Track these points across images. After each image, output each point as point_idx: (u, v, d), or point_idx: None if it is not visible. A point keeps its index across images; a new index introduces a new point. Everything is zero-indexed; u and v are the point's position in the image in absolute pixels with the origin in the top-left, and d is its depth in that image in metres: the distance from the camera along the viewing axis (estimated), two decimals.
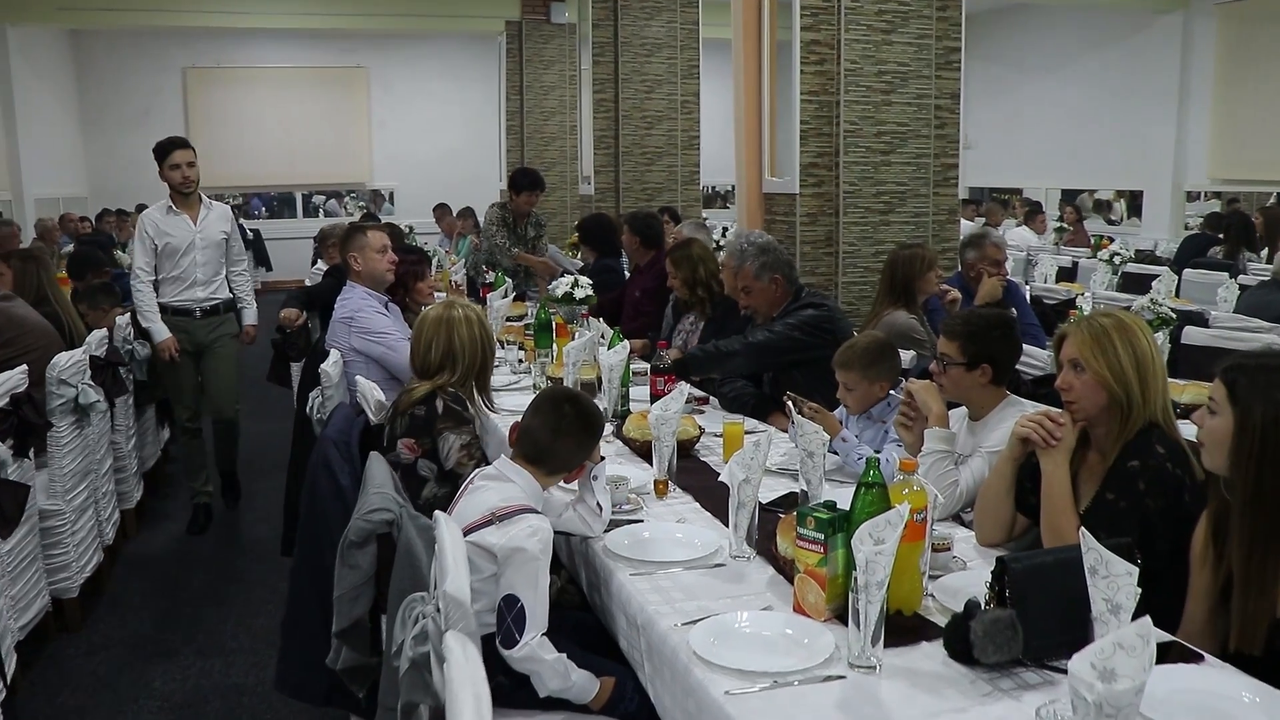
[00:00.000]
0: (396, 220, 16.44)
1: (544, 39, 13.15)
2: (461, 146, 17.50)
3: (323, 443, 2.94)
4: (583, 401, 2.73)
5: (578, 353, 4.32)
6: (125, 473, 5.59)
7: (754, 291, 4.41)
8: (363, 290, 4.56)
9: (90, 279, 6.39)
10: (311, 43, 17.27)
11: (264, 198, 18.33)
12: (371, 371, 4.41)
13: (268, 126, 17.55)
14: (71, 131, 16.58)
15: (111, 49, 16.89)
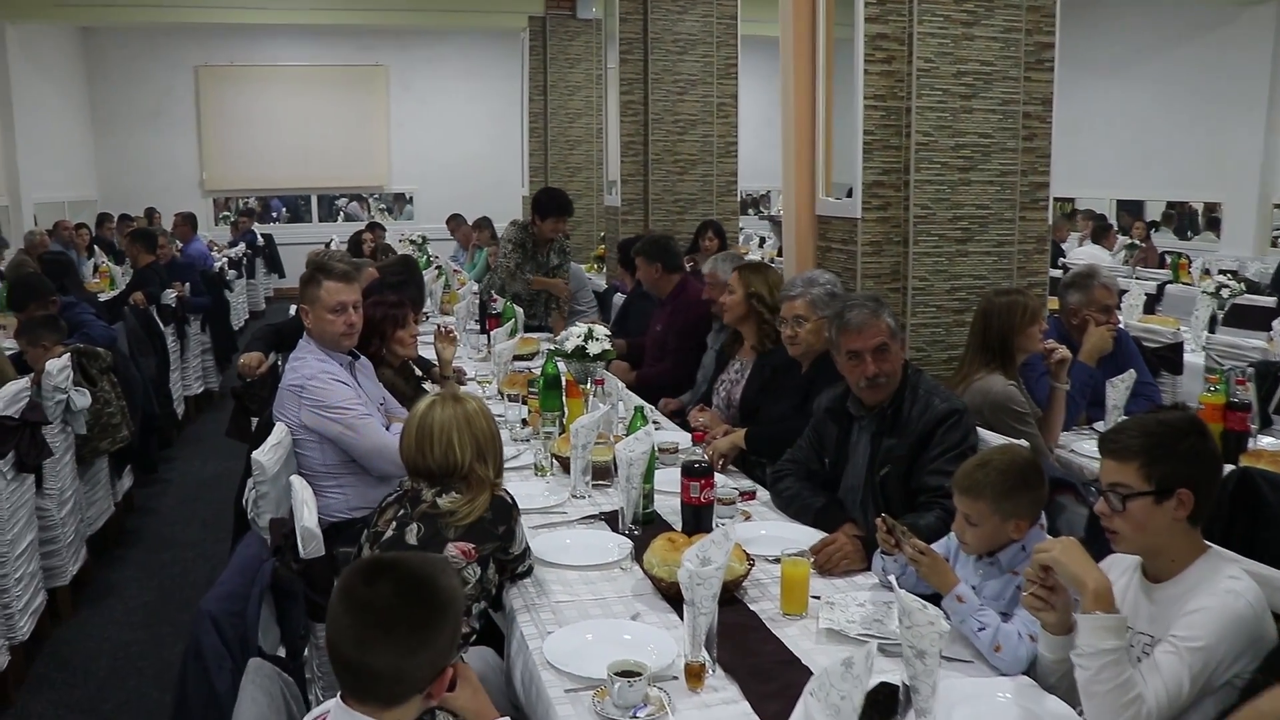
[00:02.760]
0: (415, 225, 15.92)
1: (569, 35, 12.34)
2: (483, 149, 16.76)
3: (200, 620, 2.03)
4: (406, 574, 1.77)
5: (588, 432, 3.42)
6: (57, 544, 4.72)
7: None
8: (318, 351, 3.66)
9: (32, 310, 5.53)
10: (329, 40, 16.57)
11: (286, 199, 17.65)
12: (327, 454, 3.52)
13: (283, 127, 16.83)
14: (81, 132, 15.94)
15: (122, 47, 16.27)
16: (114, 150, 16.44)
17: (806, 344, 3.91)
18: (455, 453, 2.65)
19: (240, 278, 12.85)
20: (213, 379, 9.23)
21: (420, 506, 2.61)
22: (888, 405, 3.23)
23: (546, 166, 12.47)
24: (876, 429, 3.25)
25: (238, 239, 14.33)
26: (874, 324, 3.23)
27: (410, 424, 2.71)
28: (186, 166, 16.73)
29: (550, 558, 2.91)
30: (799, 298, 3.91)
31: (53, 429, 4.61)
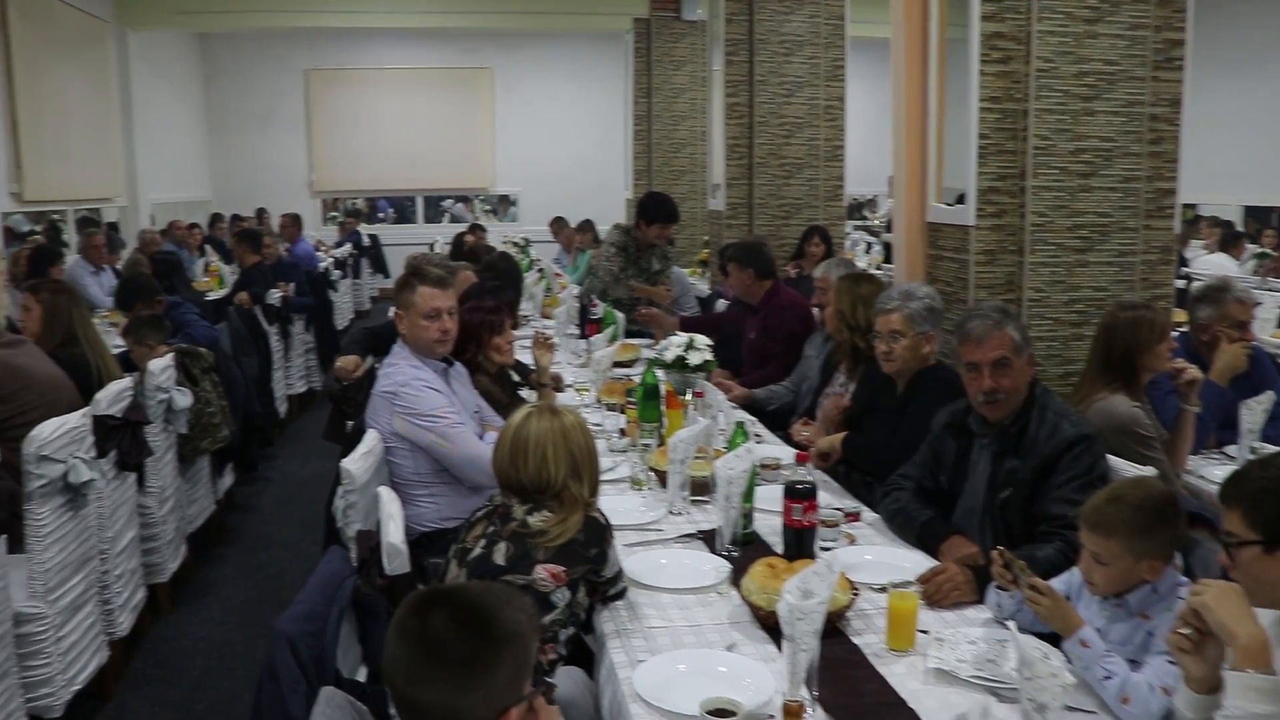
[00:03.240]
0: (518, 226, 15.98)
1: (674, 37, 12.22)
2: (587, 151, 16.77)
3: (276, 641, 1.95)
4: (461, 605, 1.66)
5: (687, 446, 3.30)
6: (157, 541, 4.77)
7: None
8: (411, 358, 3.60)
9: (139, 310, 5.59)
10: (435, 43, 16.73)
11: (392, 200, 17.87)
12: (419, 462, 3.46)
13: (389, 128, 17.03)
14: (196, 135, 16.37)
15: (236, 52, 16.67)
16: (227, 152, 16.83)
17: (902, 360, 3.71)
18: (549, 469, 2.55)
19: (346, 278, 13.00)
20: (315, 378, 9.32)
21: (510, 524, 2.51)
22: (1011, 424, 3.04)
23: (650, 169, 12.38)
24: (999, 448, 3.06)
25: (344, 239, 14.51)
26: (995, 335, 3.05)
27: (505, 436, 2.62)
28: (296, 167, 17.04)
29: (644, 579, 2.80)
30: (895, 311, 3.71)
31: (154, 428, 4.64)
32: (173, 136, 14.72)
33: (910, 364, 3.70)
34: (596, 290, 6.59)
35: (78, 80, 11.48)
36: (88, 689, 3.90)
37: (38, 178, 10.11)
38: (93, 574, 3.98)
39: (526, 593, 2.39)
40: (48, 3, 10.68)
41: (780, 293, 5.58)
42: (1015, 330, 3.07)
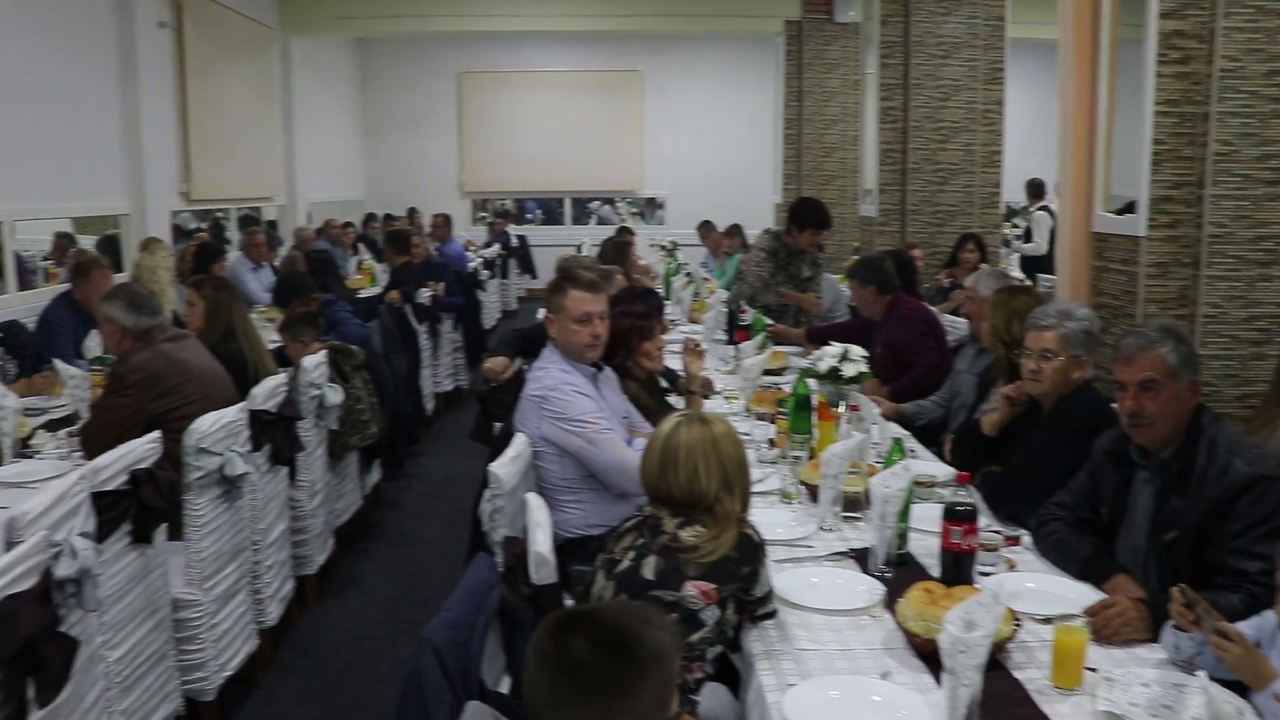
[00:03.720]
0: (665, 230, 15.96)
1: (826, 40, 12.07)
2: (735, 154, 16.67)
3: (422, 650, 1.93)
4: (601, 628, 1.59)
5: (840, 461, 3.19)
6: (306, 534, 4.86)
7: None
8: (561, 361, 3.57)
9: (295, 306, 5.72)
10: (585, 46, 16.84)
11: (540, 201, 18.07)
12: (567, 468, 3.43)
13: (539, 130, 17.20)
14: (352, 136, 16.80)
15: (392, 55, 17.07)
16: (381, 153, 17.25)
17: (1050, 382, 3.45)
18: (700, 480, 2.47)
19: (494, 278, 13.16)
20: (463, 377, 9.44)
21: (661, 538, 2.45)
22: (1173, 458, 2.81)
23: (800, 174, 12.24)
24: (1162, 484, 2.83)
25: (493, 239, 14.71)
26: (1146, 355, 2.81)
27: (653, 445, 2.55)
28: (447, 168, 17.36)
29: (794, 598, 2.70)
30: (1050, 329, 3.44)
31: (306, 424, 4.73)
32: (330, 138, 15.14)
33: (1059, 387, 3.48)
34: (745, 296, 6.50)
35: (243, 85, 11.89)
36: (238, 675, 3.99)
37: (204, 178, 10.50)
38: (245, 564, 4.08)
39: (675, 609, 2.33)
40: (219, 12, 11.08)
41: (901, 303, 5.48)
42: (1173, 353, 2.81)
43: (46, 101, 7.85)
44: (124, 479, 3.21)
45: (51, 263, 9.21)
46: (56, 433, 4.51)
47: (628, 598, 2.36)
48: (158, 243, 7.59)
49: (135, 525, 3.28)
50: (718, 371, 5.57)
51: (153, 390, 4.02)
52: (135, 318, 4.13)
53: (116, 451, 3.25)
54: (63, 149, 8.07)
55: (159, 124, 9.57)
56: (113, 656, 3.18)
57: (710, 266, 11.22)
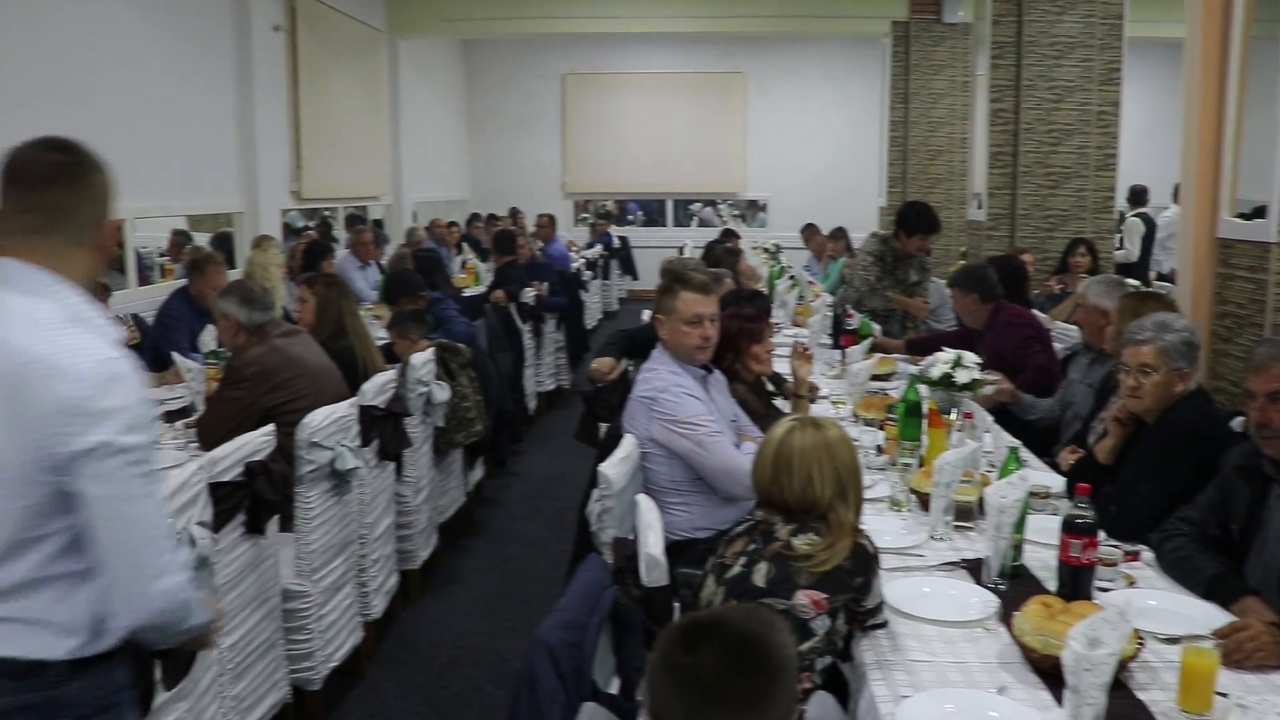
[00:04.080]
0: (768, 232, 15.89)
1: (934, 41, 11.88)
2: (839, 157, 16.52)
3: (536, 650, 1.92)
4: (733, 638, 1.55)
5: (953, 470, 3.12)
6: (411, 529, 4.93)
7: None
8: (671, 363, 3.55)
9: (403, 304, 5.80)
10: (689, 47, 16.85)
11: (642, 203, 18.11)
12: (674, 470, 3.41)
13: (641, 132, 17.26)
14: (457, 136, 17.03)
15: (496, 57, 17.26)
16: (485, 153, 17.46)
17: (1152, 398, 3.31)
18: (814, 487, 2.43)
19: (595, 278, 13.22)
20: (564, 377, 9.49)
21: (773, 545, 2.41)
22: None
23: (905, 177, 12.09)
24: None
25: (595, 240, 14.78)
26: (1278, 365, 2.74)
27: (766, 449, 2.51)
28: (550, 169, 17.49)
29: (906, 607, 2.64)
30: (1148, 344, 3.31)
31: (413, 420, 4.79)
32: (435, 139, 15.35)
33: (1161, 402, 3.35)
34: (851, 300, 6.42)
35: (352, 86, 12.11)
36: (343, 666, 4.05)
37: (314, 177, 10.71)
38: (352, 557, 4.14)
39: (785, 618, 2.29)
40: (330, 15, 11.30)
41: (1003, 310, 5.37)
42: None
43: (167, 103, 8.08)
44: (239, 470, 3.28)
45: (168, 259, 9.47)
46: (174, 424, 4.62)
47: (738, 604, 2.33)
48: (270, 240, 7.76)
49: (249, 516, 3.34)
50: (823, 376, 5.50)
51: (266, 384, 4.10)
52: (249, 313, 4.22)
53: (232, 444, 3.32)
54: (181, 149, 8.29)
55: (272, 125, 9.79)
56: (225, 644, 3.24)
57: (814, 270, 11.13)
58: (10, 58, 6.06)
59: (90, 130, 6.81)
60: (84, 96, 6.91)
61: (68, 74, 6.75)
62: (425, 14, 13.39)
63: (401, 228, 12.90)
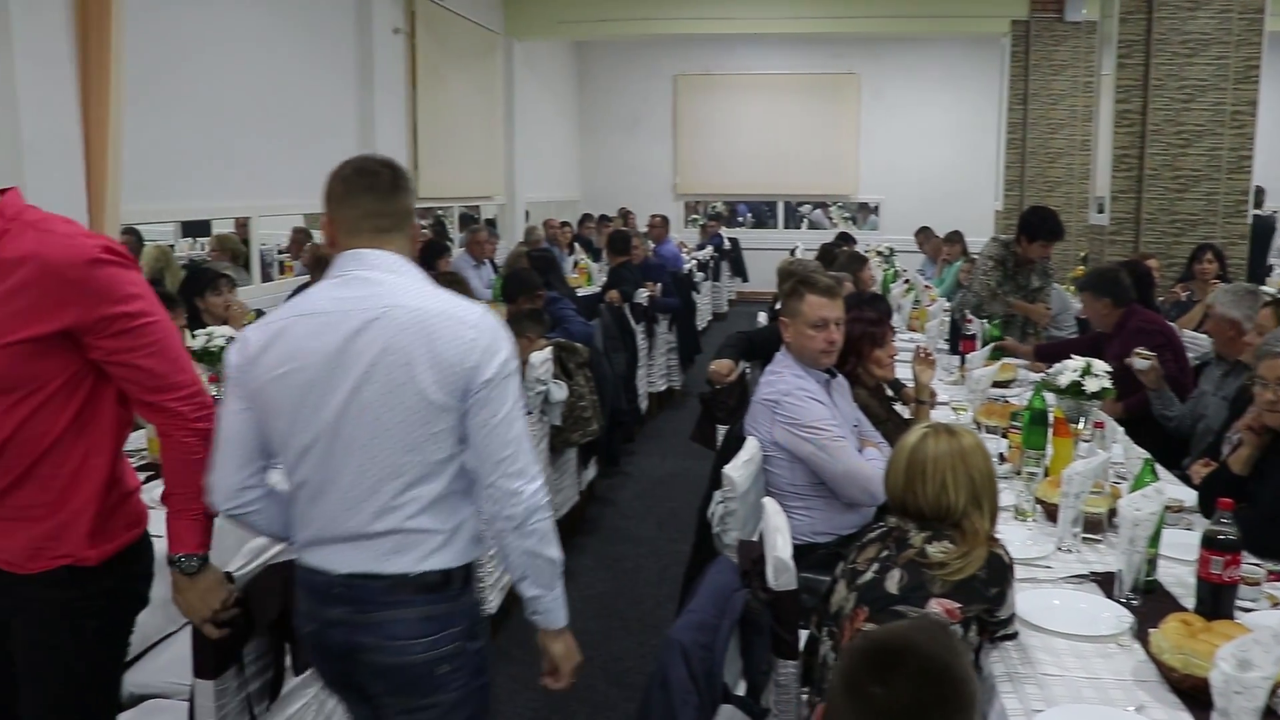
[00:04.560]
0: (879, 235, 15.72)
1: (1055, 40, 11.63)
2: (954, 160, 16.25)
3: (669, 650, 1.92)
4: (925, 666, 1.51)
5: (1083, 480, 3.05)
6: None
7: None
8: (795, 366, 3.53)
9: (521, 303, 5.86)
10: (801, 48, 16.75)
11: (751, 204, 18.06)
12: (796, 474, 3.39)
13: (753, 133, 17.20)
14: (569, 137, 17.18)
15: (609, 58, 17.40)
16: (596, 154, 17.58)
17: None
18: (949, 494, 2.40)
19: (706, 280, 13.21)
20: (675, 377, 9.50)
21: (906, 552, 2.38)
22: None
23: (1023, 180, 11.85)
24: None
25: (706, 242, 14.77)
26: None
27: (899, 456, 2.49)
28: (660, 170, 17.53)
29: (1035, 619, 2.59)
30: None
31: (531, 418, 4.83)
32: (548, 139, 15.49)
33: None
34: (970, 305, 6.32)
35: (469, 87, 12.28)
36: None
37: (430, 176, 10.89)
38: None
39: None
40: (448, 18, 11.48)
41: (1135, 315, 5.24)
42: None
43: (290, 104, 8.29)
44: None
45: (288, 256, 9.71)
46: None
47: (870, 611, 2.31)
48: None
49: None
50: (941, 382, 5.43)
51: None
52: None
53: None
54: (302, 148, 8.50)
55: (391, 125, 9.98)
56: None
57: (928, 274, 10.97)
58: (149, 58, 6.27)
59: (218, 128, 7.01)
60: (215, 96, 7.14)
61: (201, 75, 6.98)
62: (541, 16, 13.53)
63: (514, 227, 13.06)
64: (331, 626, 2.18)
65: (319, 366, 2.09)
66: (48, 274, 2.02)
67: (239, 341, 2.18)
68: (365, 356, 2.08)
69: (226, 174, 7.44)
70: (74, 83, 5.37)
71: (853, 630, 2.33)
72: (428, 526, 2.14)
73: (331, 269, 2.20)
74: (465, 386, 2.10)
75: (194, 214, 7.84)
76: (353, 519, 2.13)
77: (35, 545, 2.13)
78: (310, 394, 2.10)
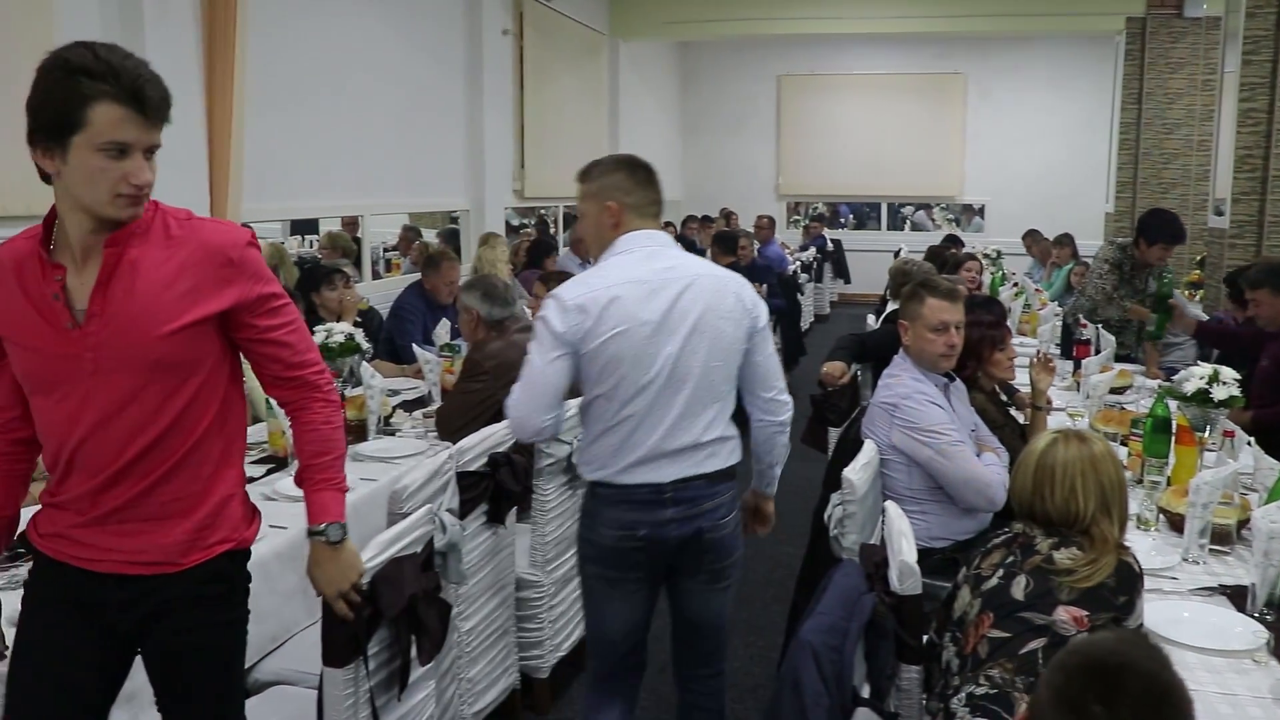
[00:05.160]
0: (984, 237, 15.45)
1: (1173, 37, 11.30)
2: (1062, 161, 15.91)
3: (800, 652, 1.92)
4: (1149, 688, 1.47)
5: (1211, 490, 2.97)
6: None
7: None
8: (914, 370, 3.50)
9: None
10: (906, 48, 16.56)
11: (853, 206, 17.92)
12: (913, 478, 3.36)
13: (856, 134, 17.05)
14: (671, 137, 17.21)
15: (713, 59, 17.37)
16: (698, 154, 17.57)
17: None
18: (1078, 501, 2.36)
19: (809, 281, 13.13)
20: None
21: (1033, 558, 2.35)
22: None
23: (1135, 181, 11.55)
24: None
25: (809, 243, 14.68)
26: None
27: (1028, 461, 2.46)
28: (763, 171, 17.46)
29: (1164, 631, 2.54)
30: None
31: None
32: (650, 140, 15.51)
33: None
34: (1084, 309, 6.19)
35: (574, 88, 12.38)
36: (566, 657, 4.13)
37: (535, 176, 11.01)
38: None
39: (1044, 633, 2.23)
40: (555, 19, 11.59)
41: None
42: None
43: (401, 104, 8.45)
44: (484, 461, 3.40)
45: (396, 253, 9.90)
46: (412, 413, 4.82)
47: (995, 617, 2.28)
48: (496, 237, 8.00)
49: (491, 505, 3.47)
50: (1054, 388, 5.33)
51: (505, 378, 4.21)
52: (490, 308, 4.36)
53: (478, 435, 3.45)
54: (411, 148, 8.65)
55: (498, 125, 10.11)
56: (465, 627, 3.37)
57: (1036, 276, 10.78)
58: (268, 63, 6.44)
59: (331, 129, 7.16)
60: (328, 98, 7.30)
61: (317, 78, 7.15)
62: (646, 17, 13.58)
63: None
64: (664, 526, 2.77)
65: (655, 323, 2.68)
66: (211, 255, 2.08)
67: (565, 309, 2.72)
68: (691, 314, 2.71)
69: (338, 173, 7.61)
70: (200, 88, 5.55)
71: (978, 636, 2.30)
72: (729, 434, 2.85)
73: (623, 244, 2.80)
74: (750, 331, 2.83)
75: (306, 212, 8.05)
76: (683, 437, 2.75)
77: (190, 538, 2.15)
78: (649, 344, 2.68)
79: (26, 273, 2.05)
